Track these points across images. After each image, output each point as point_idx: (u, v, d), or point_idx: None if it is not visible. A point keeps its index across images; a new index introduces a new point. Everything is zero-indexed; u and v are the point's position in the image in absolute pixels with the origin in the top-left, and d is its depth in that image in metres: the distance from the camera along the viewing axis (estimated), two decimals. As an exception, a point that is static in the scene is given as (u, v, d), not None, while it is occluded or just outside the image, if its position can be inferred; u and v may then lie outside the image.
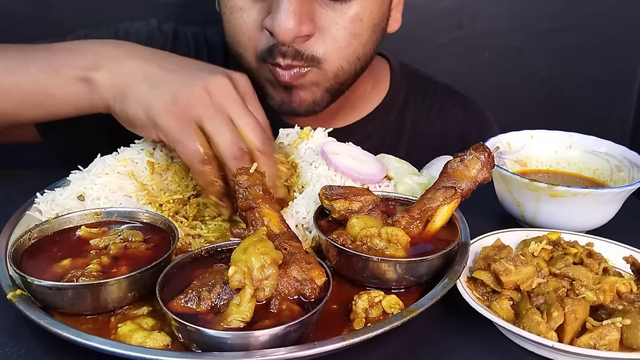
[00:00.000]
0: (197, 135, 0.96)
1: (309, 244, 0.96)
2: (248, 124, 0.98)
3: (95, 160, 1.05)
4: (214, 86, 0.98)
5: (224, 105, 0.97)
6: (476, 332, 0.83)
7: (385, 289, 0.84)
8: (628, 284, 0.85)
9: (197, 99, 0.96)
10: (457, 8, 2.05)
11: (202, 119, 0.96)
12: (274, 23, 1.15)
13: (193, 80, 0.98)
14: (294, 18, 1.14)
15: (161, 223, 0.91)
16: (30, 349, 0.77)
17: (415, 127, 1.56)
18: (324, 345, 0.70)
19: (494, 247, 0.91)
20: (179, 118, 0.96)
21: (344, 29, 1.23)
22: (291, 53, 1.21)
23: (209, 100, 0.97)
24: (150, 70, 1.01)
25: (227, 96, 0.98)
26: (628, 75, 2.22)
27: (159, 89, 0.98)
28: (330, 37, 1.23)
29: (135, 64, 1.03)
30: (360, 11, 1.23)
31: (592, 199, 1.02)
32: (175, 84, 0.98)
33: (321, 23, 1.21)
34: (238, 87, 1.01)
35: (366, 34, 1.27)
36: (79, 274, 0.78)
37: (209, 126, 0.96)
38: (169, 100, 0.96)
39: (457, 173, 0.93)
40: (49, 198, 1.01)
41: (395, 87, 1.56)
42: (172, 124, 0.96)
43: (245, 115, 0.98)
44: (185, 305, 0.72)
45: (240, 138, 0.96)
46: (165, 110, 0.96)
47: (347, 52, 1.26)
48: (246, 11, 1.23)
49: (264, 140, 0.98)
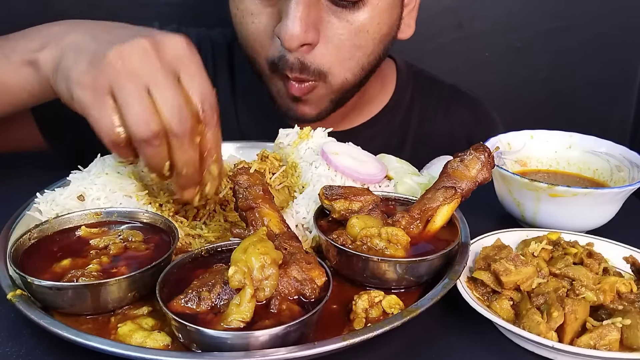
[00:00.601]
0: (110, 108, 0.85)
1: (309, 244, 0.96)
2: (161, 94, 0.84)
3: (95, 160, 1.05)
4: (128, 51, 0.85)
5: (139, 72, 0.85)
6: (476, 332, 0.83)
7: (385, 289, 0.84)
8: (628, 284, 0.85)
9: (108, 66, 0.84)
10: (457, 8, 2.05)
11: (113, 89, 0.84)
12: (281, 29, 1.16)
13: (108, 48, 0.86)
14: (300, 25, 1.14)
15: (161, 223, 0.91)
16: (30, 349, 0.77)
17: (420, 127, 1.56)
18: (324, 345, 0.70)
19: (494, 247, 0.91)
20: (91, 89, 0.85)
21: (347, 40, 1.23)
22: (297, 66, 1.21)
23: (120, 66, 0.84)
24: (82, 42, 0.92)
25: (145, 62, 0.85)
26: (628, 75, 2.22)
27: (80, 58, 0.89)
28: (334, 48, 1.23)
29: (73, 37, 0.94)
30: (367, 22, 1.23)
31: (592, 199, 1.02)
32: (93, 52, 0.88)
33: (326, 33, 1.22)
34: (164, 52, 0.87)
35: (371, 45, 1.27)
36: (79, 274, 0.78)
37: (118, 97, 0.84)
38: (83, 70, 0.87)
39: (457, 173, 0.93)
40: (49, 198, 1.01)
41: (401, 88, 1.56)
42: (85, 96, 0.86)
43: (162, 83, 0.85)
44: (185, 305, 0.72)
45: (152, 114, 0.84)
46: (79, 81, 0.87)
47: (351, 64, 1.27)
48: (257, 16, 1.23)
49: (180, 121, 0.84)
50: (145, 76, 0.85)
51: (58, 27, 1.01)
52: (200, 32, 1.55)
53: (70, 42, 0.94)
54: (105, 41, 0.89)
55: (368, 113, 1.53)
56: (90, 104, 0.86)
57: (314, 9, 1.17)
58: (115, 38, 0.89)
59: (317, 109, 1.31)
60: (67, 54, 0.92)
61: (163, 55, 0.87)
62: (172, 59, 0.87)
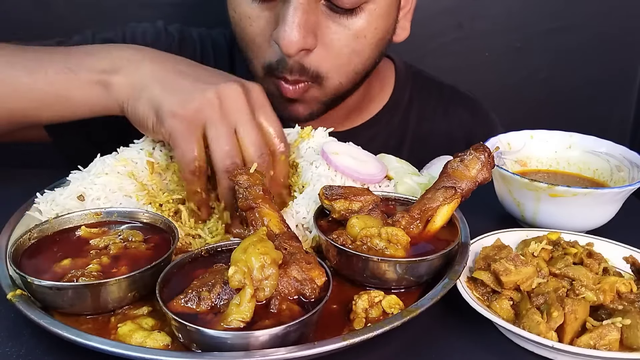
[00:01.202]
0: (197, 143, 0.96)
1: (309, 244, 0.96)
2: (249, 136, 0.97)
3: (95, 160, 1.05)
4: (226, 93, 0.97)
5: (232, 113, 0.97)
6: (476, 332, 0.83)
7: (385, 289, 0.84)
8: (628, 284, 0.85)
9: (206, 104, 0.96)
10: (457, 8, 2.06)
11: (207, 124, 0.96)
12: (279, 35, 1.16)
13: (206, 86, 0.98)
14: (299, 30, 1.14)
15: (161, 223, 0.91)
16: (30, 349, 0.77)
17: (419, 127, 1.56)
18: (324, 345, 0.70)
19: (494, 247, 0.91)
20: (185, 122, 0.96)
21: (345, 46, 1.23)
22: (297, 69, 1.22)
23: (217, 106, 0.96)
24: (166, 74, 1.01)
25: (236, 104, 0.98)
26: (628, 75, 2.22)
27: (172, 91, 0.98)
28: (333, 53, 1.23)
29: (151, 67, 1.03)
30: (365, 27, 1.23)
31: (592, 199, 1.02)
32: (187, 88, 0.98)
33: (324, 37, 1.22)
34: (250, 97, 1.00)
35: (367, 51, 1.27)
36: (79, 274, 0.78)
37: (211, 132, 0.96)
38: (179, 103, 0.96)
39: (457, 173, 0.93)
40: (49, 198, 1.01)
41: (400, 88, 1.56)
42: (177, 127, 0.96)
43: (250, 126, 0.97)
44: (185, 305, 0.72)
45: (238, 152, 0.96)
46: (174, 112, 0.96)
47: (347, 69, 1.27)
48: (255, 20, 1.23)
49: (262, 157, 0.98)
50: (237, 117, 0.97)
51: (128, 51, 1.08)
52: (201, 32, 1.55)
53: (149, 72, 1.02)
54: (195, 78, 1.01)
55: (367, 114, 1.53)
56: (181, 135, 0.96)
57: (312, 15, 1.17)
58: (203, 77, 1.02)
59: (308, 110, 1.31)
60: (152, 84, 1.00)
61: (250, 99, 1.00)
62: (255, 103, 1.01)
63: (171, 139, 0.97)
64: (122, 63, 1.04)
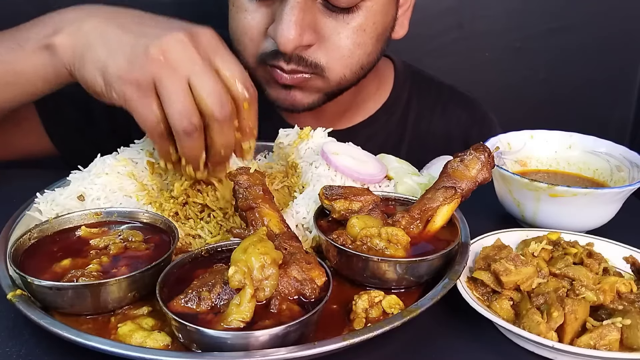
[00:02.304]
0: (154, 105, 0.90)
1: (309, 244, 0.96)
2: (204, 86, 0.89)
3: (95, 160, 1.05)
4: (170, 46, 0.90)
5: (180, 66, 0.89)
6: (476, 332, 0.83)
7: (385, 289, 0.84)
8: (628, 284, 0.85)
9: (151, 62, 0.89)
10: (457, 8, 2.05)
11: (156, 84, 0.89)
12: (276, 33, 1.16)
13: (149, 41, 0.90)
14: (295, 29, 1.15)
15: (161, 223, 0.91)
16: (30, 349, 0.77)
17: (417, 126, 1.56)
18: (324, 345, 0.70)
19: (494, 247, 0.91)
20: (135, 85, 0.89)
21: (346, 38, 1.23)
22: (295, 59, 1.22)
23: (163, 62, 0.89)
24: (108, 30, 0.95)
25: (184, 54, 0.90)
26: (628, 75, 2.22)
27: (115, 51, 0.92)
28: (333, 46, 1.23)
29: (93, 23, 0.97)
30: (363, 22, 1.23)
31: (592, 199, 1.02)
32: (131, 45, 0.91)
33: (324, 32, 1.22)
34: (200, 43, 0.92)
35: (370, 44, 1.27)
36: (79, 274, 0.78)
37: (162, 93, 0.89)
38: (123, 65, 0.90)
39: (457, 173, 0.93)
40: (49, 198, 1.01)
41: (398, 88, 1.56)
42: (129, 92, 0.90)
43: (203, 75, 0.90)
44: (185, 305, 0.72)
45: (192, 109, 0.89)
46: (120, 76, 0.90)
47: (351, 62, 1.27)
48: (251, 13, 1.24)
49: (221, 106, 0.90)
50: (187, 68, 0.89)
51: (72, 12, 1.02)
52: None
53: (93, 28, 0.96)
54: (138, 33, 0.93)
55: (365, 112, 1.53)
56: (135, 100, 0.90)
57: (309, 13, 1.18)
58: (147, 30, 0.93)
59: (309, 98, 1.30)
60: (94, 43, 0.94)
61: (198, 46, 0.91)
62: (206, 49, 0.92)
63: (126, 105, 0.92)
64: (64, 24, 0.99)
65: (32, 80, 1.04)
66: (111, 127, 1.45)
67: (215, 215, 1.02)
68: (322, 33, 1.22)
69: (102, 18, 0.98)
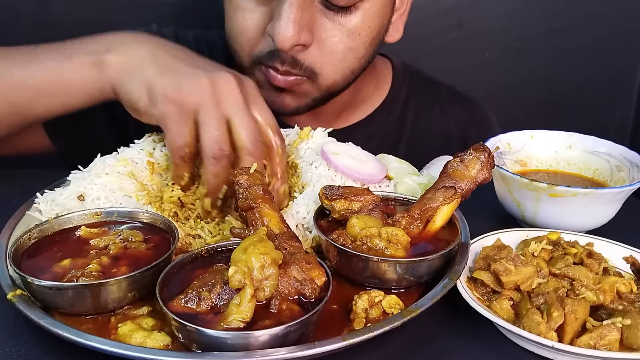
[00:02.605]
0: (188, 128, 0.95)
1: (309, 244, 0.96)
2: (242, 123, 0.96)
3: (95, 160, 1.05)
4: (219, 81, 0.97)
5: (225, 101, 0.96)
6: (476, 332, 0.83)
7: (385, 289, 0.84)
8: (628, 284, 0.85)
9: (200, 89, 0.95)
10: (457, 8, 2.06)
11: (199, 109, 0.95)
12: (274, 30, 1.16)
13: (201, 72, 0.98)
14: (293, 26, 1.15)
15: (161, 223, 0.91)
16: (30, 349, 0.77)
17: (415, 126, 1.56)
18: (324, 345, 0.70)
19: (494, 247, 0.91)
20: (178, 105, 0.95)
21: (340, 42, 1.24)
22: (290, 61, 1.22)
23: (210, 92, 0.95)
24: (160, 56, 1.01)
25: (230, 93, 0.97)
26: (628, 75, 2.22)
27: (166, 73, 0.98)
28: (328, 50, 1.24)
29: (145, 48, 1.03)
30: (359, 25, 1.23)
31: (592, 199, 1.02)
32: (182, 71, 0.98)
33: (319, 34, 1.22)
34: (244, 88, 0.99)
35: (362, 48, 1.28)
36: (79, 274, 0.78)
37: (202, 117, 0.94)
38: (172, 86, 0.96)
39: (457, 173, 0.93)
40: (49, 198, 1.01)
41: (396, 87, 1.56)
42: (170, 110, 0.95)
43: (243, 114, 0.96)
44: (185, 305, 0.72)
45: (227, 139, 0.95)
46: (167, 95, 0.95)
47: (343, 66, 1.28)
48: (249, 13, 1.24)
49: (255, 143, 0.96)
50: (230, 105, 0.96)
51: (123, 36, 1.08)
52: (196, 34, 1.55)
53: (143, 53, 1.02)
54: (189, 64, 1.00)
55: (363, 112, 1.53)
56: (173, 119, 0.95)
57: (307, 11, 1.18)
58: (197, 63, 1.01)
59: (297, 102, 1.31)
60: (145, 63, 1.00)
61: (244, 90, 0.99)
62: (248, 95, 0.99)
63: (163, 123, 0.96)
64: (116, 44, 1.04)
65: (74, 92, 1.07)
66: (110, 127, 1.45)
67: None
68: (317, 35, 1.22)
69: (154, 44, 1.04)
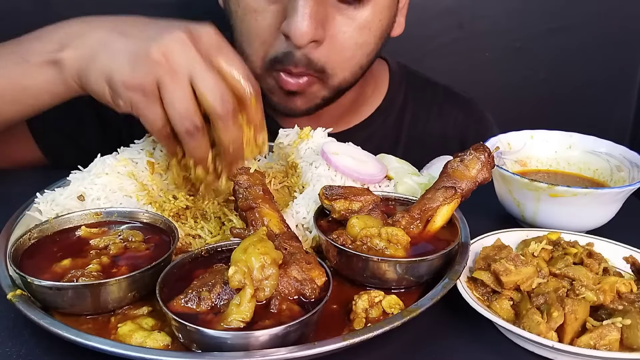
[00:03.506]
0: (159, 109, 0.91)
1: (309, 244, 0.96)
2: (205, 84, 0.90)
3: (95, 160, 1.05)
4: (171, 47, 0.90)
5: (181, 66, 0.90)
6: (476, 332, 0.83)
7: (385, 289, 0.84)
8: (628, 284, 0.85)
9: (153, 65, 0.90)
10: (457, 8, 2.05)
11: (160, 87, 0.90)
12: (290, 26, 1.16)
13: (149, 46, 0.91)
14: (310, 21, 1.15)
15: (161, 223, 0.91)
16: (30, 349, 0.77)
17: (413, 128, 1.56)
18: (324, 345, 0.70)
19: (494, 247, 0.91)
20: (139, 91, 0.91)
21: (351, 38, 1.24)
22: (304, 62, 1.22)
23: (164, 64, 0.90)
24: (111, 39, 0.96)
25: (185, 55, 0.90)
26: (628, 75, 2.22)
27: (118, 58, 0.93)
28: (339, 47, 1.24)
29: (98, 34, 0.98)
30: (370, 18, 1.24)
31: (592, 199, 1.02)
32: (132, 52, 0.92)
33: (331, 31, 1.22)
34: (201, 42, 0.92)
35: (372, 43, 1.28)
36: (79, 274, 0.78)
37: (165, 96, 0.90)
38: (127, 72, 0.91)
39: (457, 173, 0.93)
40: (49, 198, 1.01)
41: (393, 89, 1.56)
42: (134, 98, 0.92)
43: (204, 74, 0.90)
44: (185, 305, 0.72)
45: (194, 111, 0.90)
46: (125, 82, 0.92)
47: (352, 63, 1.28)
48: (261, 13, 1.23)
49: (223, 101, 0.90)
50: (187, 68, 0.90)
51: (76, 25, 1.03)
52: None
53: (97, 40, 0.97)
54: (139, 38, 0.94)
55: (361, 115, 1.53)
56: (142, 105, 0.92)
57: (321, 6, 1.18)
58: (148, 33, 0.94)
59: (308, 104, 1.31)
60: (99, 53, 0.95)
61: (199, 45, 0.92)
62: (207, 47, 0.92)
63: (134, 111, 0.94)
64: (69, 38, 1.01)
65: (39, 95, 1.06)
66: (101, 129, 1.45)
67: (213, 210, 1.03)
68: (329, 31, 1.22)
69: (105, 28, 0.99)
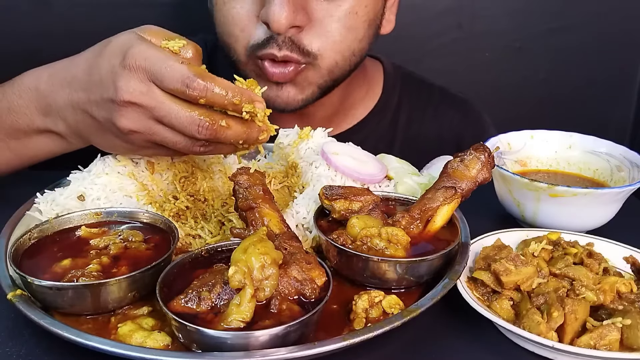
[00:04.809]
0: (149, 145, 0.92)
1: (309, 244, 0.96)
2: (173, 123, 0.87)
3: (95, 160, 1.05)
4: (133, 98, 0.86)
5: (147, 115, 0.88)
6: (476, 332, 0.83)
7: (385, 289, 0.84)
8: (628, 284, 0.85)
9: (126, 134, 0.89)
10: (457, 8, 2.05)
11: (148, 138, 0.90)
12: (268, 12, 1.15)
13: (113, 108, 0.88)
14: (288, 7, 1.14)
15: (161, 223, 0.91)
16: (30, 349, 0.77)
17: (409, 130, 1.55)
18: (324, 345, 0.70)
19: (494, 247, 0.91)
20: (129, 150, 0.96)
21: (338, 21, 1.23)
22: (287, 44, 1.21)
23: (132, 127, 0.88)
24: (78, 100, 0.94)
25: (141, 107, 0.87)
26: (628, 75, 2.22)
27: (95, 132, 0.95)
28: (325, 31, 1.23)
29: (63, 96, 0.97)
30: (355, 4, 1.24)
31: (592, 199, 1.02)
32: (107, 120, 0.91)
33: (316, 15, 1.22)
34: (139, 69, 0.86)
35: (362, 28, 1.27)
36: (79, 274, 0.78)
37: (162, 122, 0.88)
38: (118, 142, 0.94)
39: (457, 173, 0.93)
40: (49, 198, 1.01)
41: (388, 91, 1.55)
42: (127, 154, 1.00)
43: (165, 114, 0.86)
44: (185, 305, 0.72)
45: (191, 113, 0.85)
46: (116, 150, 0.99)
47: (342, 47, 1.27)
48: (239, 2, 1.23)
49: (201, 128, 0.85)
50: (152, 115, 0.87)
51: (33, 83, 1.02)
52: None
53: (66, 103, 0.97)
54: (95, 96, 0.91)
55: (355, 117, 1.51)
56: (130, 152, 0.99)
57: None
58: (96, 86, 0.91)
59: (303, 94, 1.29)
60: (78, 121, 0.97)
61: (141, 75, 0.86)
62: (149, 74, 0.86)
63: (132, 157, 1.01)
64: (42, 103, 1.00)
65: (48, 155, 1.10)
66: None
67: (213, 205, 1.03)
68: (314, 16, 1.21)
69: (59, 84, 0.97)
